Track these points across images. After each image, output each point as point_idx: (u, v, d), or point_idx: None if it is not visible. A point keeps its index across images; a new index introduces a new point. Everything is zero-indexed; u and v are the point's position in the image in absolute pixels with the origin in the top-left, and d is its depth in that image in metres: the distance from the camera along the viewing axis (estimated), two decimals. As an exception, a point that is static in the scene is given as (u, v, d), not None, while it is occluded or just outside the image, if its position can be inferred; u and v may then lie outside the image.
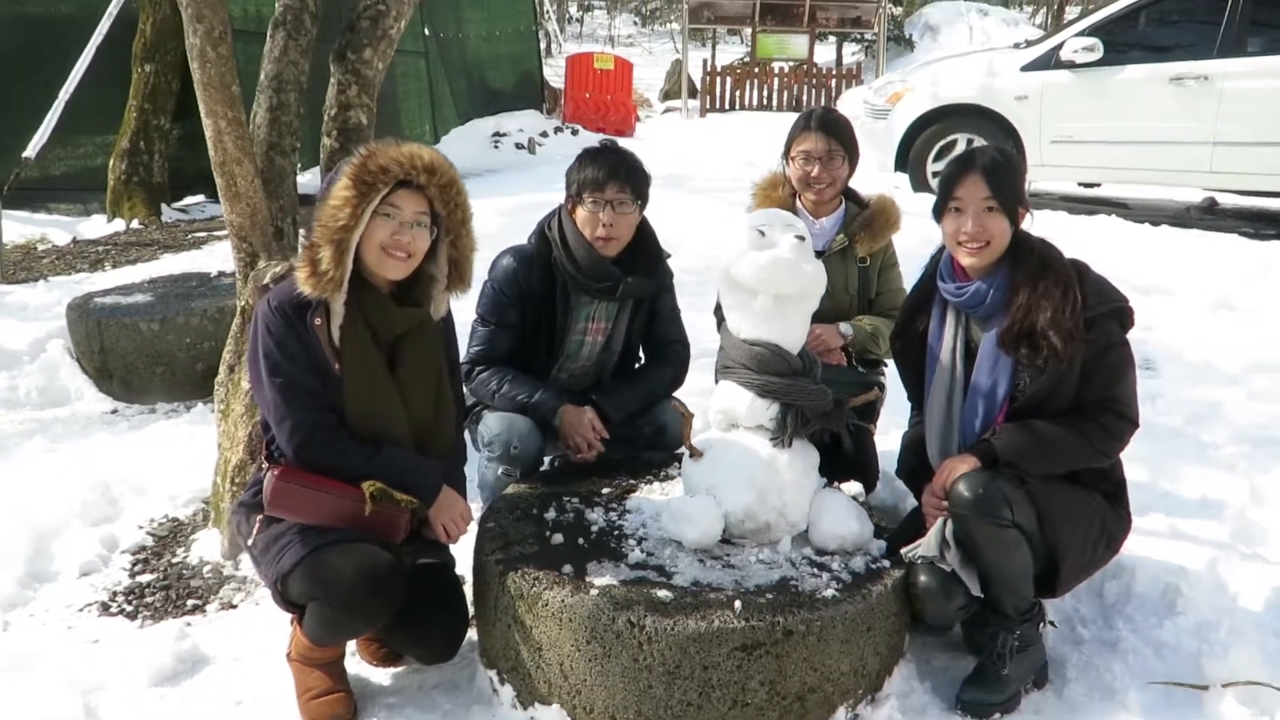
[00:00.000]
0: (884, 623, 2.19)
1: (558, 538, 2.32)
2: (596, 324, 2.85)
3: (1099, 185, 8.33)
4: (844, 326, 2.92)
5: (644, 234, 2.81)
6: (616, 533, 2.36)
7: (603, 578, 2.15)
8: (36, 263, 6.87)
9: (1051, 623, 2.49)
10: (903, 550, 2.29)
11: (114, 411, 4.28)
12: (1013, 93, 7.51)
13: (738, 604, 2.05)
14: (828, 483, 2.48)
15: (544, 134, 11.30)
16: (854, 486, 2.56)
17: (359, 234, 2.14)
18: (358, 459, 2.17)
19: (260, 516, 2.20)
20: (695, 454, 2.39)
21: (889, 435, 3.12)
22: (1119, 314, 2.31)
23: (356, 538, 2.13)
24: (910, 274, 2.73)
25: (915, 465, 2.49)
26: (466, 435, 2.91)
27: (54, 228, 7.72)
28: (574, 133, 11.48)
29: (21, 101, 7.23)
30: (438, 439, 2.34)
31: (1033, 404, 2.29)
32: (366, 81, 3.39)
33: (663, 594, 2.09)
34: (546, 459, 2.92)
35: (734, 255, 2.33)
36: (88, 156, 8.32)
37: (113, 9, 7.04)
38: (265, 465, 2.22)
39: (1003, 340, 2.29)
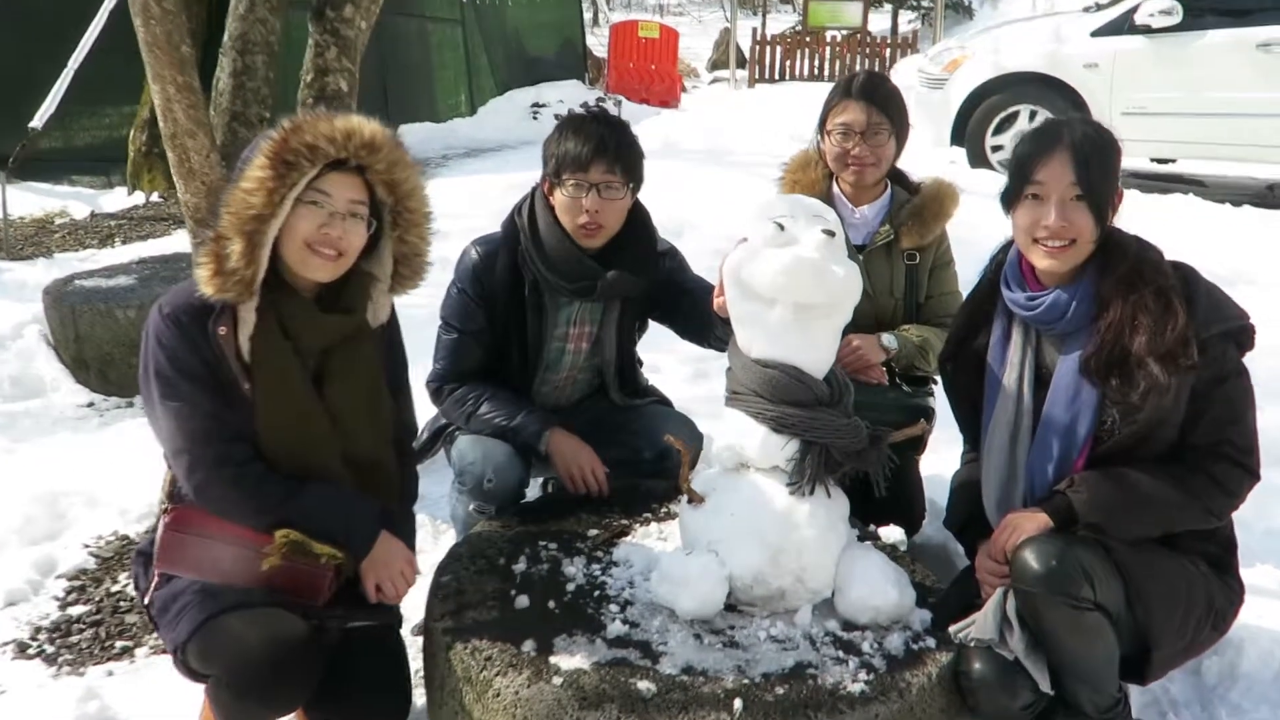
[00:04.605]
0: (926, 723, 1.74)
1: (523, 600, 1.89)
2: (579, 328, 2.40)
3: (1174, 161, 7.76)
4: (886, 338, 2.43)
5: (635, 221, 2.33)
6: (597, 594, 1.93)
7: (571, 659, 1.72)
8: (48, 237, 6.66)
9: None
10: (952, 630, 1.82)
11: (89, 405, 3.98)
12: (1081, 60, 7.00)
13: (737, 704, 1.62)
14: (862, 530, 2.02)
15: (585, 105, 10.86)
16: (894, 532, 2.10)
17: (277, 225, 1.74)
18: (273, 500, 1.76)
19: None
20: (695, 499, 1.94)
21: (939, 454, 2.64)
22: (1236, 334, 1.82)
23: (266, 600, 1.74)
24: (967, 270, 2.24)
25: (968, 516, 2.02)
26: (441, 455, 2.52)
27: (75, 200, 7.56)
28: (617, 104, 11.05)
29: (46, 76, 6.95)
30: (382, 474, 1.93)
31: (1122, 447, 1.80)
32: (347, 43, 3.05)
33: (644, 686, 1.65)
34: (538, 481, 2.51)
35: (745, 253, 1.86)
36: (112, 127, 8.12)
37: (130, -26, 6.70)
38: (165, 506, 1.82)
39: (1087, 366, 1.80)
